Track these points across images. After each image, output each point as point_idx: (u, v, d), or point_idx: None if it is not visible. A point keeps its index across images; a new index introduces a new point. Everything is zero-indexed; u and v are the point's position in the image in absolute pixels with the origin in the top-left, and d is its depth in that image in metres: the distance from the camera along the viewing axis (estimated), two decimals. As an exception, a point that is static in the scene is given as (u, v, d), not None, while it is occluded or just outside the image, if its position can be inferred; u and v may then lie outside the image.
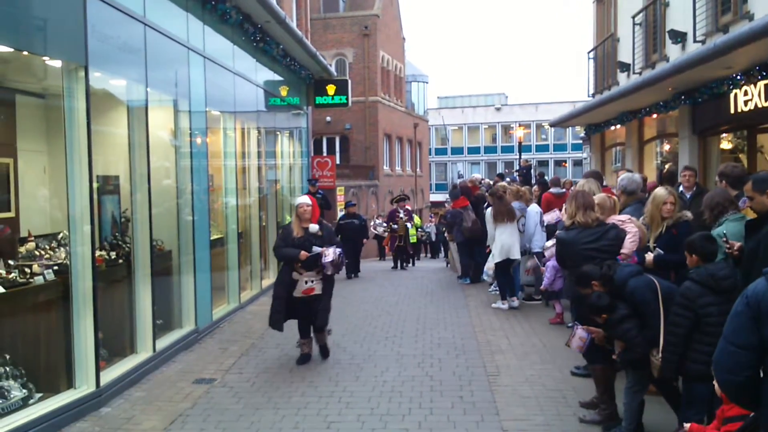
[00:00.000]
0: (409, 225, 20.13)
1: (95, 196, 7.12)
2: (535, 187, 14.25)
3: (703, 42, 11.66)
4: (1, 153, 7.14)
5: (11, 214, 7.26)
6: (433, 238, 28.20)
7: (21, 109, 7.44)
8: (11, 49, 6.18)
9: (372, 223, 27.52)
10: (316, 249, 8.09)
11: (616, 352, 5.75)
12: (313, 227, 8.23)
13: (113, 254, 8.05)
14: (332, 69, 19.69)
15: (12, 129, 7.33)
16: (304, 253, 8.08)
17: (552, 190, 12.44)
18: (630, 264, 6.07)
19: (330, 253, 8.07)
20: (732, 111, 11.01)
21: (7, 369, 6.26)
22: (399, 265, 19.94)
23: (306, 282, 8.21)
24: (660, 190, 6.78)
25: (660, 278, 5.65)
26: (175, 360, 8.69)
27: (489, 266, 12.04)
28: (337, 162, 33.64)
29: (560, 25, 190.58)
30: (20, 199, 7.33)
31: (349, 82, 20.12)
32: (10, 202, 7.23)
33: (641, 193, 8.34)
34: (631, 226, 6.64)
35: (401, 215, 20.03)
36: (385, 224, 21.78)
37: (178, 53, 9.39)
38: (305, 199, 8.45)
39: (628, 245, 6.45)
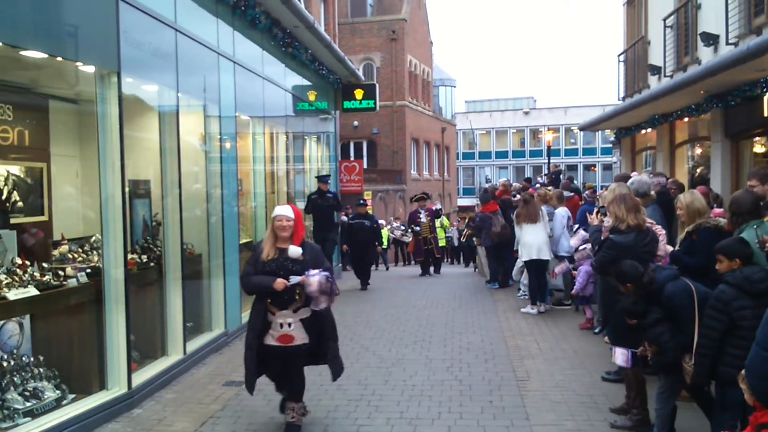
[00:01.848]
0: (437, 225, 19.14)
1: (127, 200, 7.20)
2: (589, 191, 14.27)
3: (735, 44, 11.53)
4: (35, 158, 7.23)
5: (45, 218, 7.36)
6: (455, 242, 26.95)
7: (54, 114, 7.53)
8: (45, 55, 6.26)
9: (389, 227, 26.98)
10: (294, 279, 5.93)
11: (649, 356, 5.70)
12: (294, 250, 6.05)
13: (144, 257, 8.13)
14: (360, 73, 19.72)
15: (45, 134, 7.43)
16: (280, 281, 5.90)
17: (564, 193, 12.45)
18: (667, 267, 6.00)
19: (313, 283, 5.86)
20: (765, 114, 10.85)
21: (41, 370, 6.36)
22: (428, 270, 18.87)
23: (281, 325, 6.04)
24: (684, 195, 6.75)
25: (696, 282, 5.58)
26: (205, 362, 8.75)
27: (516, 270, 12.01)
28: (365, 166, 33.70)
29: (590, 28, 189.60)
30: (53, 203, 7.43)
31: (377, 86, 20.13)
32: (43, 206, 7.33)
33: (652, 194, 8.35)
34: (659, 228, 6.59)
35: (422, 216, 18.83)
36: (404, 227, 20.61)
37: (208, 58, 9.48)
38: (286, 211, 6.20)
39: (662, 246, 6.40)
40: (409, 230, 19.50)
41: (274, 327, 6.08)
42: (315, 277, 5.89)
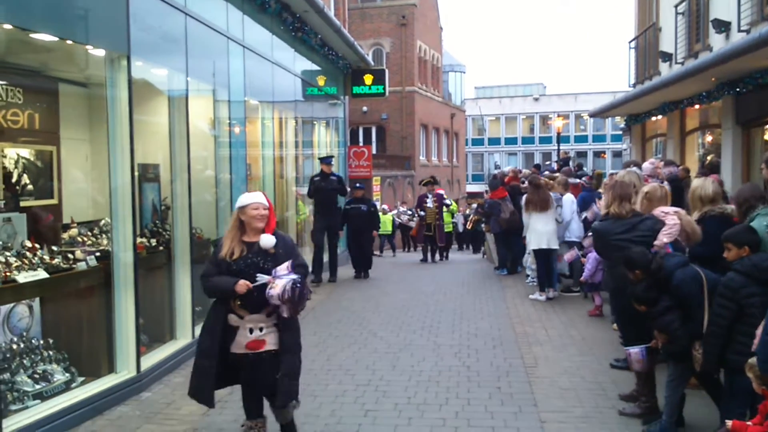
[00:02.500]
0: (444, 210, 18.67)
1: (136, 184, 7.20)
2: (586, 177, 14.14)
3: (747, 31, 11.44)
4: (44, 141, 7.24)
5: (54, 201, 7.38)
6: (460, 228, 26.01)
7: (64, 97, 7.53)
8: (55, 38, 6.25)
9: (395, 212, 26.83)
10: (261, 278, 5.10)
11: (659, 344, 5.68)
12: (267, 239, 5.24)
13: (153, 241, 8.14)
14: (369, 59, 19.67)
15: (55, 117, 7.43)
16: (243, 283, 5.09)
17: (570, 180, 12.37)
18: (677, 254, 5.97)
19: (278, 285, 5.03)
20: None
21: (51, 353, 6.40)
22: (429, 257, 18.58)
23: (251, 330, 5.22)
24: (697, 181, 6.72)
25: (706, 269, 5.56)
26: (213, 347, 8.76)
27: (526, 257, 11.97)
28: (374, 152, 33.61)
29: (600, 14, 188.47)
30: (63, 187, 7.45)
31: (386, 71, 20.05)
32: (53, 189, 7.35)
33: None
34: (671, 218, 6.52)
35: (429, 201, 18.29)
36: (410, 212, 20.24)
37: (218, 43, 9.45)
38: (260, 198, 5.34)
39: (661, 237, 6.34)
40: (415, 215, 19.32)
41: (241, 333, 5.23)
42: (280, 281, 5.04)
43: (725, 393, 5.27)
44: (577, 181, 12.48)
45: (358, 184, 15.43)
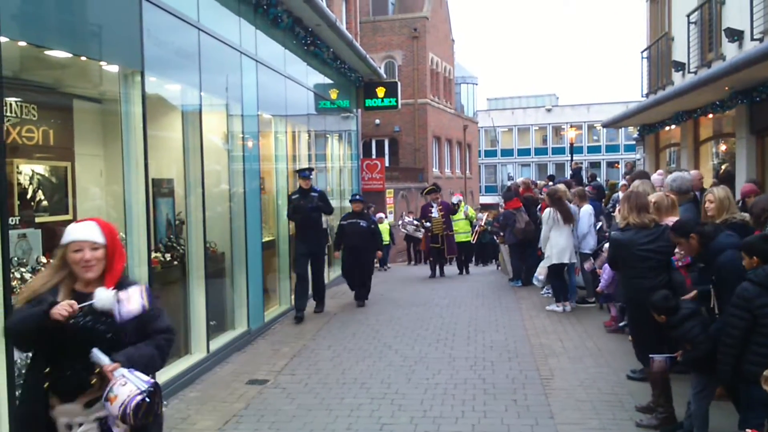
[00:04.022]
0: (456, 218, 17.49)
1: (151, 198, 7.23)
2: (588, 188, 14.03)
3: (760, 40, 11.38)
4: (59, 157, 7.28)
5: (69, 217, 7.39)
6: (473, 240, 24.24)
7: (78, 113, 7.57)
8: (69, 55, 6.31)
9: (400, 222, 24.42)
10: (97, 356, 3.48)
11: (680, 355, 5.64)
12: (103, 297, 3.56)
13: (168, 256, 8.17)
14: (381, 71, 19.71)
15: (70, 133, 7.47)
16: (59, 314, 3.40)
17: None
18: (733, 234, 5.89)
19: (117, 398, 3.43)
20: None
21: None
22: (438, 271, 17.29)
23: (68, 427, 3.57)
24: (717, 189, 6.67)
25: None
26: (228, 361, 8.78)
27: (540, 271, 11.88)
28: (387, 164, 33.68)
29: (612, 24, 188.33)
30: (78, 202, 7.47)
31: (399, 84, 20.09)
32: (68, 205, 7.37)
33: (692, 192, 8.23)
34: None
35: (434, 211, 16.82)
36: (416, 222, 18.27)
37: (231, 57, 9.50)
38: (88, 231, 3.69)
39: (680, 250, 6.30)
40: (420, 226, 17.50)
41: (59, 428, 3.59)
42: (122, 389, 3.43)
43: (742, 404, 5.22)
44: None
45: (357, 197, 13.43)
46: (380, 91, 18.75)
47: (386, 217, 26.67)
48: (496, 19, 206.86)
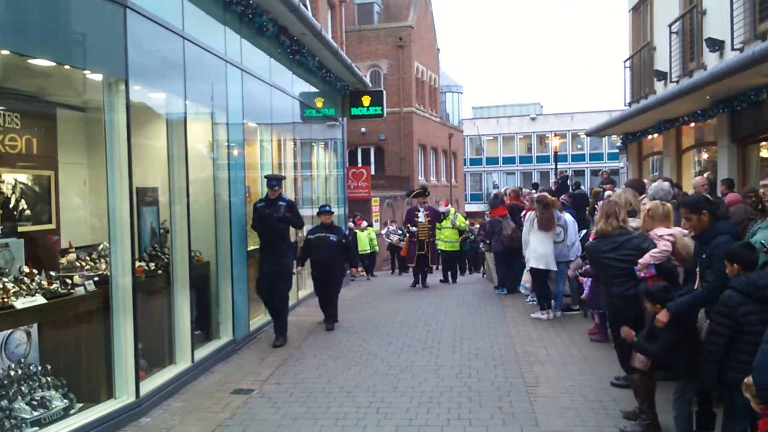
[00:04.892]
0: (441, 227, 16.95)
1: (135, 207, 7.19)
2: (564, 195, 14.14)
3: (741, 50, 11.51)
4: (42, 166, 7.25)
5: (52, 226, 7.37)
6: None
7: (62, 122, 7.55)
8: (53, 64, 6.28)
9: (384, 231, 24.42)
10: None
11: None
12: None
13: (152, 265, 8.13)
14: (367, 80, 19.73)
15: (53, 142, 7.45)
16: None
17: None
18: (736, 227, 5.95)
19: None
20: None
21: (49, 379, 6.35)
22: (420, 280, 16.43)
23: None
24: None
25: None
26: (213, 370, 8.74)
27: (526, 278, 11.93)
28: (372, 173, 33.67)
29: (596, 34, 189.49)
30: (61, 211, 7.44)
31: (384, 93, 20.12)
32: (51, 214, 7.34)
33: (672, 201, 8.31)
34: (663, 243, 6.49)
35: (420, 216, 16.04)
36: (400, 230, 17.84)
37: (216, 66, 9.48)
38: None
39: (646, 257, 6.33)
40: (405, 231, 16.60)
41: None
42: None
43: (725, 410, 5.25)
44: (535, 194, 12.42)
45: (327, 208, 11.88)
46: (366, 100, 18.77)
47: (371, 225, 26.58)
48: (481, 28, 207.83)
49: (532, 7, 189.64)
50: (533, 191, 15.48)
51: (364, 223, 23.29)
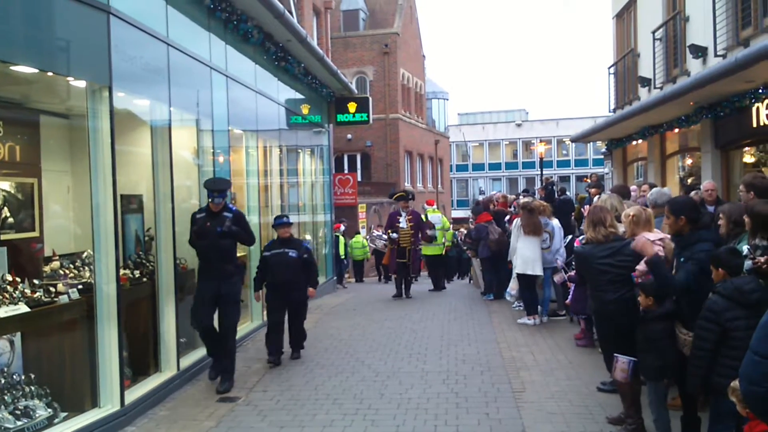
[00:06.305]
0: (433, 231, 15.81)
1: (119, 215, 7.15)
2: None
3: (724, 56, 11.58)
4: (25, 173, 7.20)
5: (36, 234, 7.31)
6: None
7: (45, 129, 7.50)
8: (36, 70, 6.25)
9: (369, 236, 24.37)
10: None
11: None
12: None
13: (137, 273, 8.09)
14: (353, 87, 19.74)
15: (36, 149, 7.39)
16: None
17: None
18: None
19: None
20: (754, 125, 10.94)
21: (32, 388, 6.29)
22: (402, 291, 15.30)
23: None
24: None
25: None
26: (199, 378, 8.68)
27: (512, 286, 11.93)
28: (359, 179, 33.67)
29: (580, 41, 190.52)
30: (45, 219, 7.39)
31: (370, 99, 20.13)
32: (34, 221, 7.28)
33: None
34: (656, 247, 6.52)
35: (402, 221, 14.95)
36: (384, 237, 16.68)
37: (200, 73, 9.46)
38: None
39: (643, 264, 6.35)
40: (385, 236, 15.62)
41: None
42: None
43: (710, 415, 5.26)
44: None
45: (284, 219, 9.82)
46: (352, 107, 18.77)
47: (358, 232, 26.56)
48: (466, 35, 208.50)
49: (517, 14, 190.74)
50: (521, 196, 15.54)
51: (342, 227, 22.79)
